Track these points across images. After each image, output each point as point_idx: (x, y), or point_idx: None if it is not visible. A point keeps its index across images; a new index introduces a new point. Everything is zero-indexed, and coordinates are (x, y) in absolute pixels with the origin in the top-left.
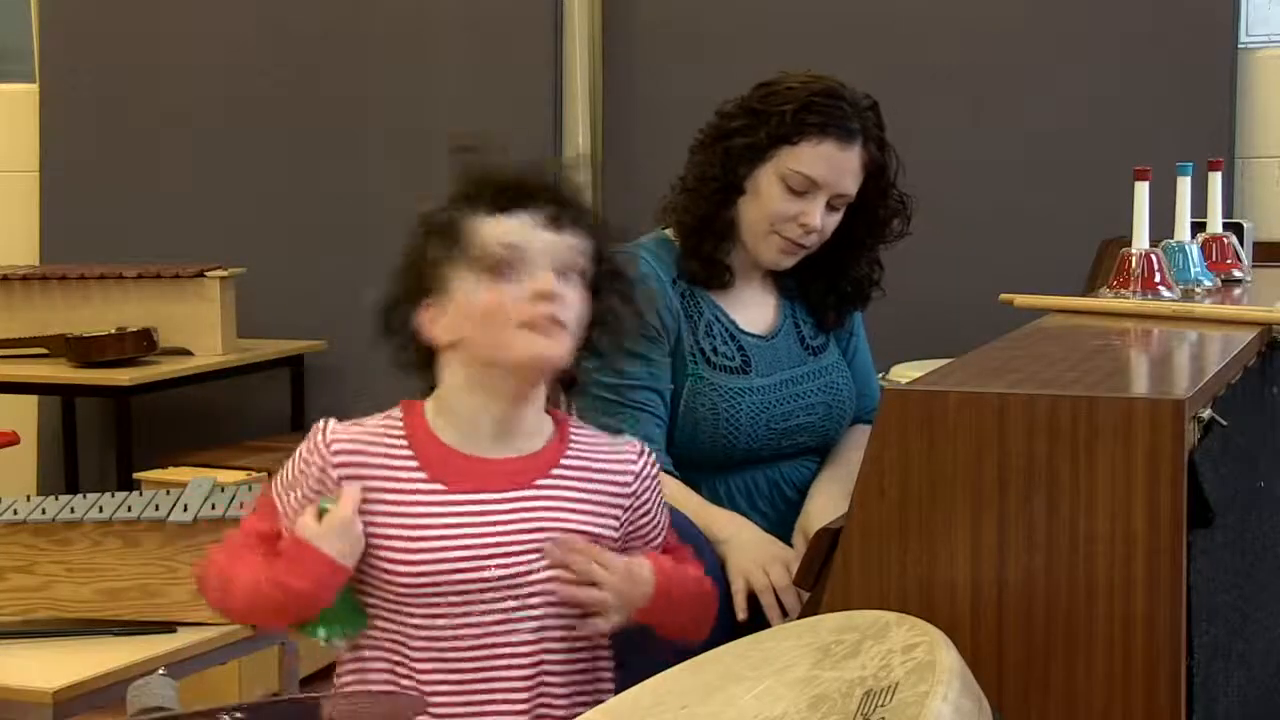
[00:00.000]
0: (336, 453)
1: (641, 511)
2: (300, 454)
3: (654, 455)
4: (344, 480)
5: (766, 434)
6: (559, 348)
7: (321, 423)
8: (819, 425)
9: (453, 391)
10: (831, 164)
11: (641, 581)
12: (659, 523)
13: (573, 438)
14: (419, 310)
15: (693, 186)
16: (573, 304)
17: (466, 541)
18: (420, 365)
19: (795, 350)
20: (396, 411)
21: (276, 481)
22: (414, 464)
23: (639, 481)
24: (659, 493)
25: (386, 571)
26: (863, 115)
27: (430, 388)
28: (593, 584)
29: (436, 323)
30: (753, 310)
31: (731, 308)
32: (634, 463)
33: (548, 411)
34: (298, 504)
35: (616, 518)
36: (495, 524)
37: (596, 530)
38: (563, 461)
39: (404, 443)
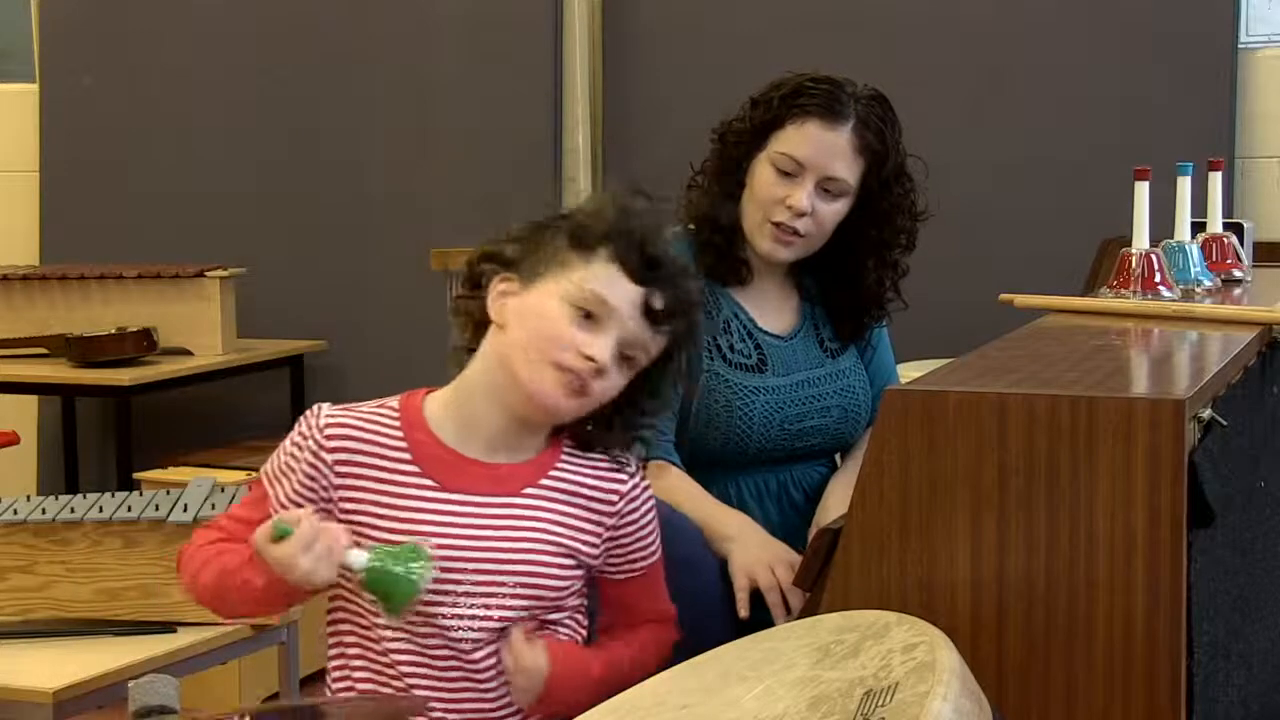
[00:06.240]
0: (330, 437)
1: (625, 532)
2: (291, 439)
3: (646, 482)
4: (338, 465)
5: (780, 434)
6: (572, 406)
7: (315, 407)
8: (833, 428)
9: (470, 383)
10: (816, 143)
11: (531, 671)
12: (647, 546)
13: (565, 451)
14: (501, 274)
15: (699, 182)
16: (611, 385)
17: (451, 541)
18: (471, 323)
19: (813, 352)
20: (393, 402)
21: (266, 470)
22: (408, 457)
23: (624, 502)
24: (649, 516)
25: None
26: (858, 101)
27: (467, 350)
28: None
29: (503, 296)
30: (772, 309)
31: (751, 305)
32: (623, 483)
33: None
34: (288, 497)
35: (597, 535)
36: (479, 527)
37: (574, 544)
38: (551, 474)
39: (399, 434)
